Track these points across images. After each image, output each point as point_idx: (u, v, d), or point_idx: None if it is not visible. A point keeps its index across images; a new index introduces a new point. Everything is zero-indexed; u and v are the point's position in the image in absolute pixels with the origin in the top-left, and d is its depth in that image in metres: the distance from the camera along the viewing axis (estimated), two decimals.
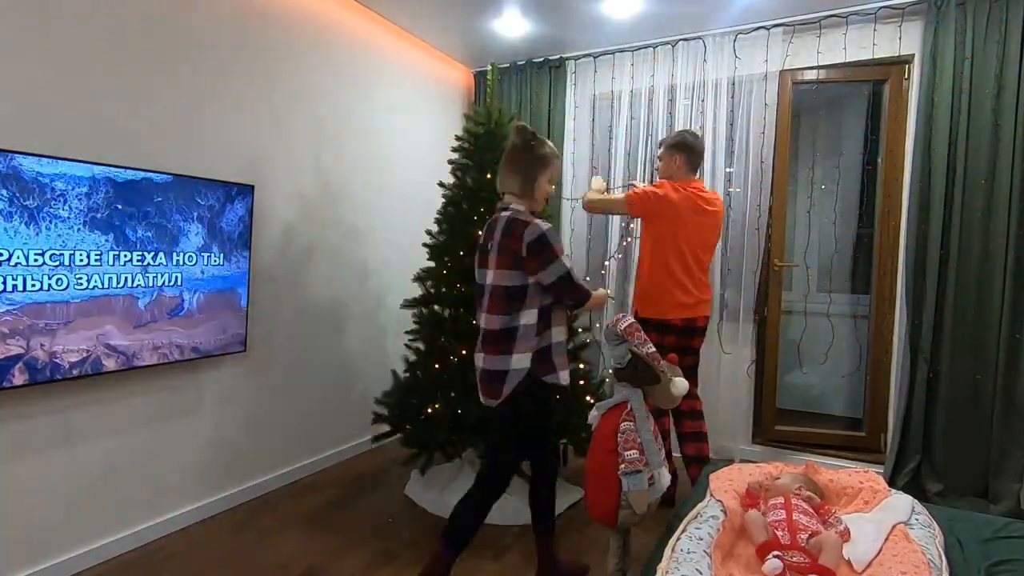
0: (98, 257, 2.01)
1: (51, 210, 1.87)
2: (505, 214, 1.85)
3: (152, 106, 2.27)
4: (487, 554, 2.26)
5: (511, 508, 2.45)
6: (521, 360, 1.78)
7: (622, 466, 1.66)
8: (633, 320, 1.74)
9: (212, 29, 2.49)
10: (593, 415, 1.86)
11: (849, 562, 1.43)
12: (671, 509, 2.62)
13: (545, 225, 1.78)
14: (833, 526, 1.55)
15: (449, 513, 1.89)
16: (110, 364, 2.06)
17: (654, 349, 1.74)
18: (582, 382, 2.70)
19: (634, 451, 1.65)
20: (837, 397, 3.91)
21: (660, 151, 2.80)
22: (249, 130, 2.67)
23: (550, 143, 1.96)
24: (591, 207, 2.89)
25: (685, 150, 2.69)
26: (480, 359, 1.88)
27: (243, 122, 2.65)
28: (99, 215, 2.00)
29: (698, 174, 2.80)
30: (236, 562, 2.20)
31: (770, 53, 3.23)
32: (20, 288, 1.81)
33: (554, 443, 2.30)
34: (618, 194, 3.02)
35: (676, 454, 2.80)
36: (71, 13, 2.01)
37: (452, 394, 2.54)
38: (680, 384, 1.73)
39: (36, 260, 1.84)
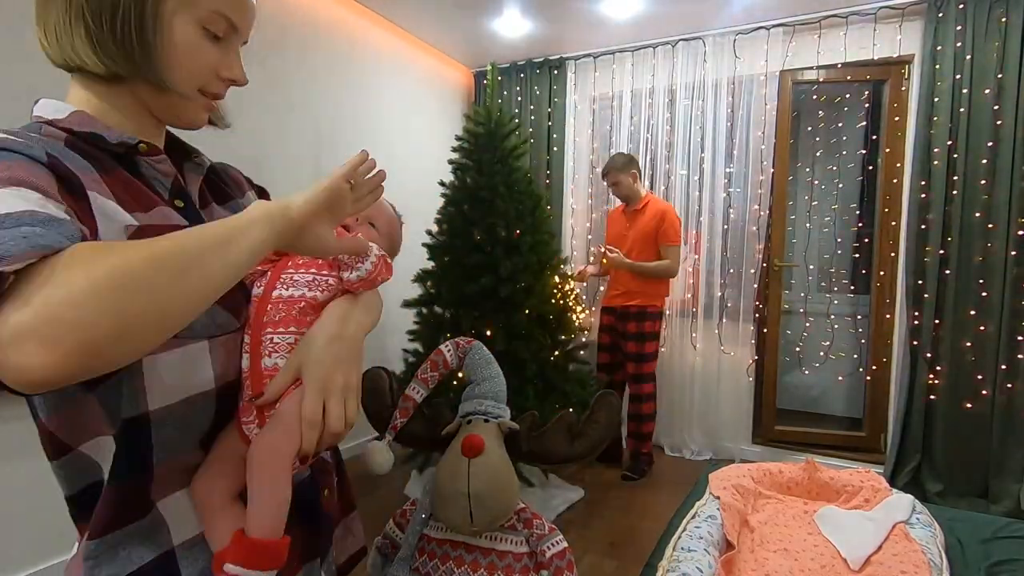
0: None
1: None
2: None
3: None
4: None
5: None
6: None
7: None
8: (438, 352, 1.05)
9: None
10: None
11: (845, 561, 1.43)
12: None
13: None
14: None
15: None
16: None
17: (415, 397, 1.04)
18: None
19: (395, 528, 1.03)
20: (837, 397, 3.91)
21: (616, 175, 3.11)
22: (249, 130, 2.67)
23: None
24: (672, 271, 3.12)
25: (636, 165, 3.15)
26: None
27: (243, 122, 2.64)
28: None
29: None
30: None
31: (770, 53, 3.23)
32: None
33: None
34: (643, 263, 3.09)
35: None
36: None
37: (451, 394, 2.54)
38: (373, 456, 0.95)
39: None
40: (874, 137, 3.35)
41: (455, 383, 2.32)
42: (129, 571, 0.55)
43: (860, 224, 3.71)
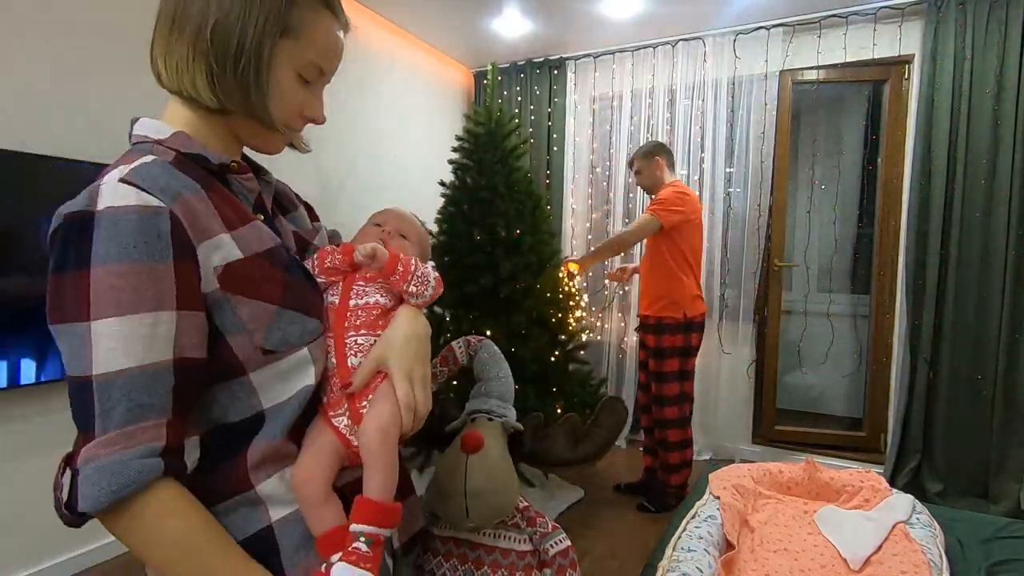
0: None
1: None
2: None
3: (151, 106, 2.26)
4: None
5: None
6: None
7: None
8: (449, 349, 1.05)
9: None
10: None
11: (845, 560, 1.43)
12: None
13: (114, 197, 0.55)
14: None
15: None
16: None
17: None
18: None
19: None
20: (837, 397, 3.91)
21: (639, 162, 2.81)
22: None
23: None
24: (623, 245, 2.89)
25: (664, 152, 2.79)
26: None
27: None
28: None
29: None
30: None
31: (770, 53, 3.23)
32: None
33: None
34: (630, 226, 2.84)
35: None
36: (70, 13, 2.01)
37: (451, 395, 2.53)
38: None
39: None
40: (874, 137, 3.36)
41: (455, 383, 2.32)
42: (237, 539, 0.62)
43: (860, 224, 3.71)
